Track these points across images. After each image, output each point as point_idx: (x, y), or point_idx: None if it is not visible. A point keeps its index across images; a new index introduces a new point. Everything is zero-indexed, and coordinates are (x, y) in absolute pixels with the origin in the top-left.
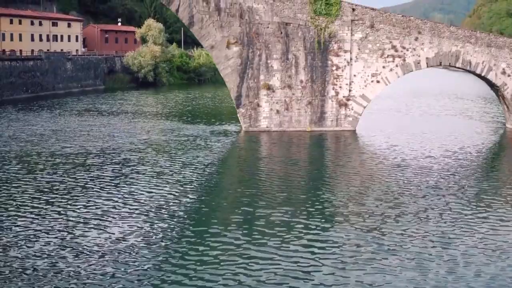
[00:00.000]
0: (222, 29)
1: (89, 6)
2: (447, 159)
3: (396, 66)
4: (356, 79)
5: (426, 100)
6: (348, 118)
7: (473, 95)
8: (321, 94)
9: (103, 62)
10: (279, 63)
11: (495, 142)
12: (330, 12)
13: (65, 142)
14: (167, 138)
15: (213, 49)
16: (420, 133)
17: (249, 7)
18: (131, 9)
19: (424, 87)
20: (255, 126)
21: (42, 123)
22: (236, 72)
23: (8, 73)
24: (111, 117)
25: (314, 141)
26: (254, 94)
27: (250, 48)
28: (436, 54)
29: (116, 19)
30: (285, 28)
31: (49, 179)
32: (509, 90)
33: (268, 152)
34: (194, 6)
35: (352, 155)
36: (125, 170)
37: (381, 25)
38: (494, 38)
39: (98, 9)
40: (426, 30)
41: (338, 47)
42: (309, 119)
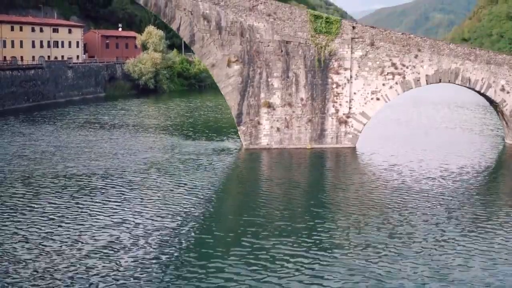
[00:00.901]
0: (223, 48)
1: (89, 10)
2: (446, 180)
3: (396, 83)
4: (356, 97)
5: (425, 109)
6: (348, 135)
7: (472, 103)
8: (321, 111)
9: (103, 70)
10: (280, 81)
11: (495, 160)
12: (330, 31)
13: (68, 161)
14: (169, 157)
15: (214, 68)
16: (419, 150)
17: (249, 26)
18: (131, 14)
19: (424, 96)
20: (255, 143)
21: (45, 138)
22: (237, 90)
23: (10, 83)
24: (113, 131)
25: (314, 160)
26: (254, 112)
27: (251, 66)
28: (436, 72)
29: (117, 23)
30: (285, 46)
31: (53, 203)
32: (508, 107)
33: (269, 172)
34: (195, 25)
35: (351, 176)
36: (128, 193)
37: (381, 43)
38: (493, 55)
39: (98, 13)
40: (426, 47)
41: (338, 65)
42: (309, 137)
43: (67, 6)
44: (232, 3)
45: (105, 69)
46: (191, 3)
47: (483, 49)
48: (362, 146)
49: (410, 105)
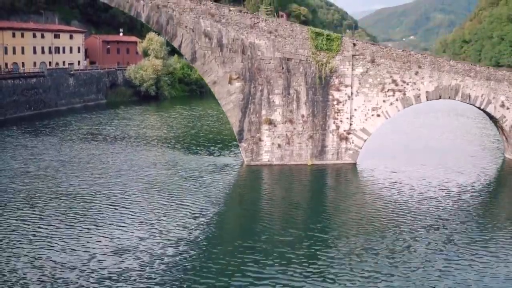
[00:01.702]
0: (224, 65)
1: (90, 15)
2: (447, 200)
3: (397, 100)
4: (357, 113)
5: (425, 118)
6: (349, 151)
7: (473, 111)
8: (322, 128)
9: (105, 76)
10: (281, 98)
11: (495, 178)
12: (331, 48)
13: (71, 178)
14: (171, 174)
15: (215, 85)
16: (420, 165)
17: (251, 43)
18: (132, 18)
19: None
20: (257, 160)
21: (47, 152)
22: (238, 107)
23: (11, 91)
24: (115, 144)
25: (315, 177)
26: (256, 129)
27: (252, 84)
28: (436, 88)
29: (118, 27)
30: (286, 63)
31: (57, 225)
32: (508, 123)
33: (270, 190)
34: (197, 42)
35: (351, 196)
36: (131, 214)
37: (382, 59)
38: (493, 71)
39: (99, 18)
40: (426, 64)
41: (339, 81)
42: (310, 153)
43: (68, 10)
44: (234, 20)
45: (106, 75)
46: (192, 21)
47: (483, 65)
48: (363, 161)
49: (410, 113)
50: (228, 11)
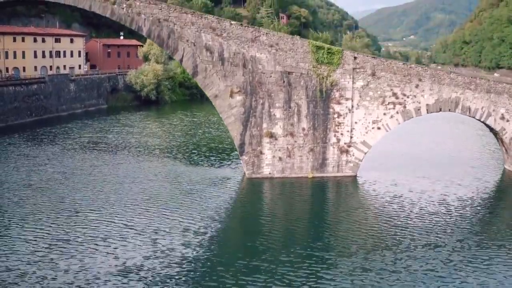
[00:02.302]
0: (226, 79)
1: (91, 18)
2: (447, 214)
3: (397, 113)
4: (357, 126)
5: (425, 125)
6: (349, 164)
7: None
8: (322, 141)
9: (106, 81)
10: (282, 111)
11: (495, 192)
12: (332, 61)
13: (73, 192)
14: (173, 187)
15: (217, 98)
16: (420, 177)
17: (252, 57)
18: None
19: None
20: (258, 172)
21: (50, 162)
22: (239, 120)
23: (13, 98)
24: (117, 154)
25: (315, 190)
26: (257, 142)
27: (253, 97)
28: (436, 101)
29: (119, 30)
30: (287, 77)
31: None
32: (508, 135)
33: (271, 204)
34: (198, 56)
35: (352, 211)
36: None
37: (382, 73)
38: (493, 84)
39: (100, 20)
40: (427, 77)
41: (339, 95)
42: (311, 166)
43: (68, 13)
44: (235, 34)
45: (107, 80)
46: (193, 35)
47: (483, 78)
48: (363, 173)
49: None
50: (229, 25)
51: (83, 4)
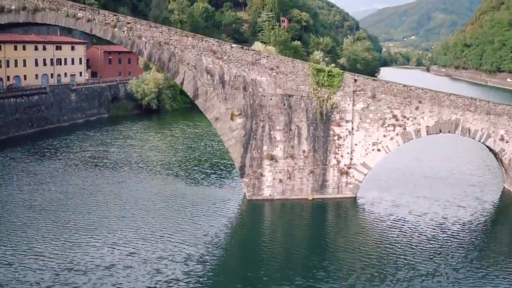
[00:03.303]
0: (226, 101)
1: None
2: (446, 237)
3: (397, 134)
4: (357, 148)
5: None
6: (349, 185)
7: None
8: (323, 163)
9: (107, 90)
10: (282, 134)
11: (495, 213)
12: (332, 84)
13: (75, 215)
14: (174, 209)
15: (218, 121)
16: (420, 197)
17: (252, 80)
18: None
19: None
20: (258, 194)
21: (52, 180)
22: (240, 143)
23: (14, 110)
24: (118, 171)
25: (316, 213)
26: (257, 164)
27: (254, 120)
28: (436, 123)
29: None
30: (288, 99)
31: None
32: (507, 156)
33: (271, 227)
34: (199, 79)
35: (352, 236)
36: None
37: (382, 95)
38: (493, 105)
39: None
40: (427, 99)
41: (340, 117)
42: (311, 187)
43: None
44: (235, 57)
45: (108, 89)
46: (194, 58)
47: (483, 100)
48: (363, 193)
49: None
50: (229, 48)
51: (84, 27)
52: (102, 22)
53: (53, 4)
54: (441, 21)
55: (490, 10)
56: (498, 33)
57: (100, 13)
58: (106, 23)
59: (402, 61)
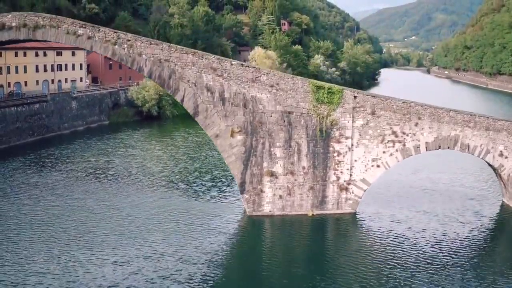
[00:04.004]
0: (227, 118)
1: None
2: (445, 253)
3: (396, 151)
4: (357, 164)
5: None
6: (349, 201)
7: None
8: (322, 179)
9: (107, 97)
10: (282, 150)
11: (494, 226)
12: (332, 101)
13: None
14: (174, 224)
15: (218, 138)
16: (420, 211)
17: (252, 97)
18: (134, 31)
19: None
20: (258, 210)
21: (54, 193)
22: (240, 160)
23: (15, 119)
24: (119, 184)
25: (315, 229)
26: (257, 181)
27: (254, 137)
28: (436, 139)
29: None
30: (288, 116)
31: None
32: (506, 171)
33: (271, 244)
34: (199, 96)
35: (351, 252)
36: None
37: (382, 111)
38: (492, 121)
39: None
40: (426, 115)
41: (339, 134)
42: (310, 203)
43: None
44: (235, 74)
45: (108, 96)
46: (194, 75)
47: (482, 115)
48: (362, 208)
49: None
50: (229, 65)
51: (85, 44)
52: (103, 39)
53: (54, 21)
54: (442, 22)
55: (491, 12)
56: (499, 36)
57: (100, 30)
58: (107, 40)
59: (402, 62)
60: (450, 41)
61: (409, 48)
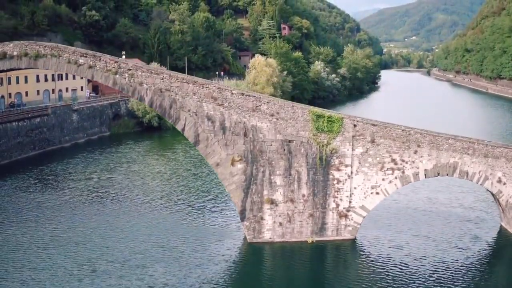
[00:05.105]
0: (227, 147)
1: (93, 35)
2: (446, 280)
3: (395, 178)
4: (356, 191)
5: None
6: (348, 227)
7: None
8: (322, 206)
9: (108, 108)
10: (282, 178)
11: (493, 251)
12: (332, 129)
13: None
14: (176, 250)
15: (219, 166)
16: (419, 236)
17: (253, 126)
18: (135, 37)
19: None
20: (258, 237)
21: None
22: (240, 188)
23: (16, 133)
24: (120, 204)
25: (315, 256)
26: (258, 208)
27: (254, 165)
28: (434, 166)
29: (121, 47)
30: (288, 145)
31: None
32: (504, 197)
33: (271, 271)
34: (200, 126)
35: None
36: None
37: (382, 139)
38: (491, 148)
39: (102, 37)
40: (425, 143)
41: (339, 161)
42: (310, 230)
43: (71, 31)
44: (236, 103)
45: (109, 107)
46: (195, 104)
47: (481, 142)
48: (362, 233)
49: None
50: (230, 95)
51: (86, 74)
52: (104, 68)
53: (55, 51)
54: (442, 22)
55: (491, 15)
56: (499, 40)
57: (101, 59)
58: (108, 69)
59: (403, 63)
60: (451, 44)
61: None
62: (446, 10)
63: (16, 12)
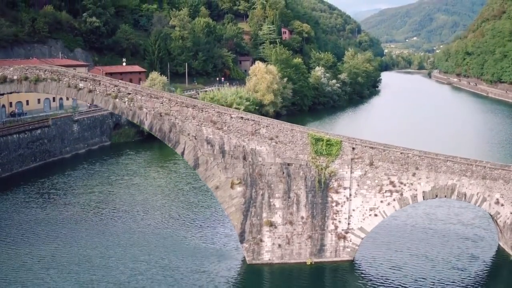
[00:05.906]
0: (226, 171)
1: (94, 42)
2: None
3: (394, 200)
4: (355, 213)
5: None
6: (347, 249)
7: None
8: (321, 228)
9: (108, 118)
10: (281, 201)
11: (491, 272)
12: (331, 152)
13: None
14: (176, 271)
15: (218, 189)
16: (418, 256)
17: (252, 149)
18: (135, 44)
19: None
20: (258, 259)
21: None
22: (240, 210)
23: (17, 146)
24: (121, 221)
25: (314, 278)
26: (257, 230)
27: (253, 188)
28: (433, 188)
29: (121, 53)
30: (287, 168)
31: None
32: (502, 218)
33: None
34: (199, 149)
35: None
36: None
37: (380, 162)
38: (489, 170)
39: (103, 44)
40: (424, 166)
41: (338, 184)
42: (309, 252)
43: (71, 38)
44: (235, 127)
45: (109, 117)
46: (195, 128)
47: (479, 164)
48: (360, 254)
49: None
50: (229, 118)
51: (86, 98)
52: (104, 92)
53: (55, 75)
54: (443, 22)
55: (492, 18)
56: (499, 43)
57: (101, 83)
58: (107, 94)
59: (403, 64)
60: (451, 46)
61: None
62: (447, 11)
63: (17, 19)
